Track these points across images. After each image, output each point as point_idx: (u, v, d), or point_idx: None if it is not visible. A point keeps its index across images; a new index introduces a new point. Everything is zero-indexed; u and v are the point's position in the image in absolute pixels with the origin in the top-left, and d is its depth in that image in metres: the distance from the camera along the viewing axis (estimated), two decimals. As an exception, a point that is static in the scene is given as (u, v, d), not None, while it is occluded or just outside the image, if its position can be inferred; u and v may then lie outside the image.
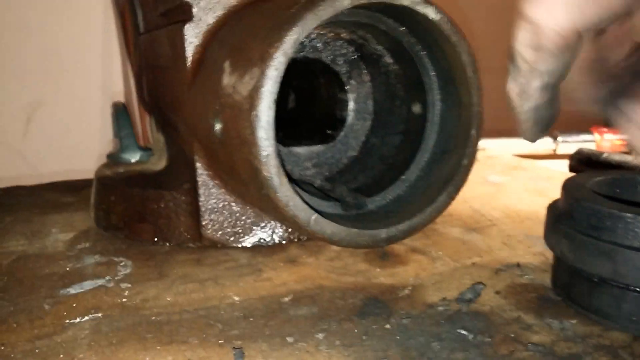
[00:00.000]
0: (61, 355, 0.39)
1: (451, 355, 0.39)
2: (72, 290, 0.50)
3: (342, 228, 0.42)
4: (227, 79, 0.43)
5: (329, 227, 0.42)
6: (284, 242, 0.60)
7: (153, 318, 0.45)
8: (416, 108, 0.52)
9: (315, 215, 0.41)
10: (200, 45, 0.55)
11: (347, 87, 0.58)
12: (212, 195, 0.57)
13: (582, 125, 1.14)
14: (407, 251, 0.57)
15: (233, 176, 0.47)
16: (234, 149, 0.42)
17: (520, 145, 1.13)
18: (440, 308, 0.45)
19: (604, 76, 0.35)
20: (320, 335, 0.42)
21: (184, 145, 0.61)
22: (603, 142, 1.11)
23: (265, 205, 0.43)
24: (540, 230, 0.51)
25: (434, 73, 0.50)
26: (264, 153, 0.39)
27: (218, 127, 0.44)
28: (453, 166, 0.47)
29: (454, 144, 0.48)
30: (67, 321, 0.45)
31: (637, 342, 0.40)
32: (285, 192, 0.40)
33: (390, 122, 0.56)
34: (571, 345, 0.40)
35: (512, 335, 0.41)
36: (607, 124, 0.36)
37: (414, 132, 0.52)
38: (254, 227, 0.59)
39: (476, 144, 0.46)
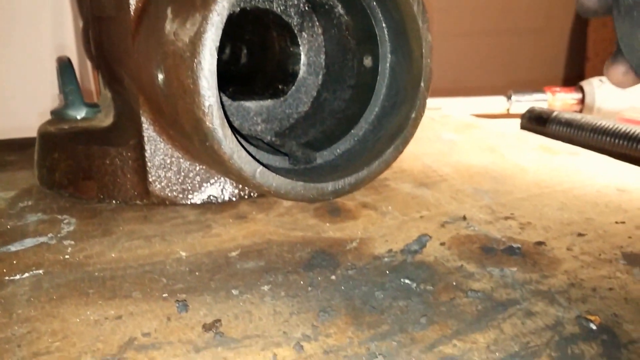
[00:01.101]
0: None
1: (393, 303, 0.39)
2: (13, 247, 0.48)
3: (287, 181, 0.41)
4: (169, 26, 0.42)
5: (275, 180, 0.41)
6: (234, 199, 0.59)
7: (96, 274, 0.44)
8: (367, 61, 0.51)
9: (260, 168, 0.40)
10: (144, -7, 0.52)
11: (299, 39, 0.57)
12: (159, 150, 0.56)
13: (535, 85, 1.16)
14: (358, 206, 0.58)
15: (177, 129, 0.46)
16: (176, 100, 0.41)
17: (475, 104, 1.14)
18: (386, 259, 0.46)
19: None
20: (265, 288, 0.42)
21: (130, 100, 0.59)
22: (555, 101, 1.13)
23: (210, 158, 0.43)
24: (488, 184, 0.51)
25: (385, 25, 0.49)
26: (206, 103, 0.38)
27: (161, 77, 0.43)
28: (402, 119, 0.47)
29: (404, 97, 0.48)
30: (7, 278, 0.43)
31: (573, 288, 0.41)
32: (229, 144, 0.39)
33: (341, 75, 0.55)
34: (510, 292, 0.41)
35: (454, 283, 0.42)
36: None
37: (364, 86, 0.51)
38: (203, 184, 0.58)
39: (425, 97, 0.46)
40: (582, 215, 0.55)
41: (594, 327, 0.36)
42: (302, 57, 0.57)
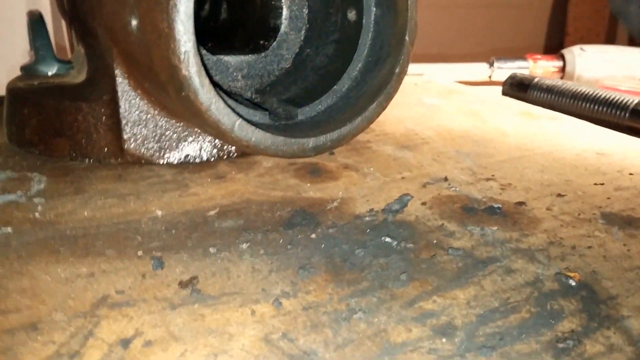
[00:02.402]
0: (-38, 268, 0.37)
1: (374, 260, 0.39)
2: (-21, 205, 0.47)
3: (268, 135, 0.40)
4: (143, -29, 0.39)
5: (254, 134, 0.40)
6: (212, 159, 0.58)
7: (68, 232, 0.43)
8: (351, 15, 0.50)
9: (239, 120, 0.39)
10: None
11: (281, -7, 0.55)
12: (134, 106, 0.54)
13: (517, 53, 1.15)
14: (339, 167, 0.57)
15: (153, 81, 0.44)
16: (151, 47, 0.39)
17: (457, 71, 1.13)
18: (367, 218, 0.45)
19: None
20: (244, 246, 0.41)
21: (104, 53, 0.57)
22: (536, 69, 1.12)
23: (186, 111, 0.41)
24: (469, 147, 0.51)
25: None
26: (182, 49, 0.36)
27: (134, 23, 0.41)
28: (385, 75, 0.46)
29: (388, 51, 0.46)
30: (-28, 235, 0.42)
31: (552, 246, 0.41)
32: (206, 94, 0.37)
33: (324, 30, 0.53)
34: (490, 249, 0.41)
35: (435, 241, 0.42)
36: None
37: (347, 41, 0.50)
38: (181, 143, 0.56)
39: (409, 52, 0.45)
40: (562, 177, 0.55)
41: (573, 284, 0.37)
42: (284, 10, 0.55)
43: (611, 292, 0.36)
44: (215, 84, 0.39)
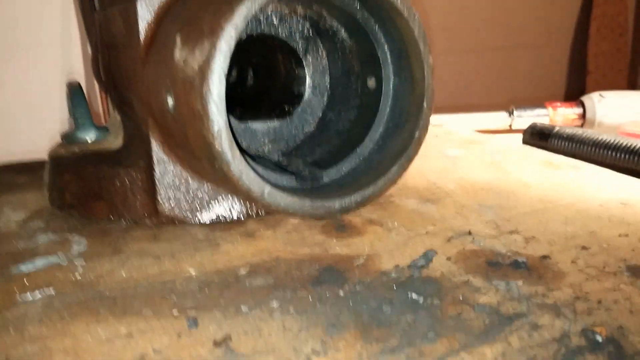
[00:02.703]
0: (11, 330, 0.39)
1: (401, 317, 0.40)
2: (24, 268, 0.49)
3: (295, 199, 0.42)
4: (179, 54, 0.43)
5: (283, 199, 0.42)
6: (242, 217, 0.60)
7: (107, 293, 0.45)
8: (371, 82, 0.52)
9: (268, 188, 0.41)
10: (153, 22, 0.54)
11: (304, 62, 0.58)
12: (168, 171, 0.57)
13: (536, 101, 1.17)
14: (364, 223, 0.58)
15: (187, 151, 0.47)
16: (186, 124, 0.42)
17: (477, 121, 1.15)
18: (393, 275, 0.47)
19: None
20: (274, 304, 0.42)
21: (139, 123, 0.61)
22: (556, 117, 1.14)
23: (219, 179, 0.44)
24: (492, 200, 0.52)
25: (388, 48, 0.50)
26: (215, 127, 0.39)
27: (170, 102, 0.44)
28: (405, 139, 0.48)
29: (407, 117, 0.49)
30: (18, 298, 0.44)
31: (578, 301, 0.42)
32: (237, 166, 0.40)
33: (346, 96, 0.56)
34: (516, 305, 0.41)
35: (461, 297, 0.43)
36: None
37: (368, 107, 0.52)
38: (212, 203, 0.59)
39: (428, 117, 0.47)
40: (586, 228, 0.56)
41: (600, 339, 0.37)
42: (307, 79, 0.58)
43: (638, 347, 0.36)
44: (244, 150, 0.42)
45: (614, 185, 0.70)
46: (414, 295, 0.43)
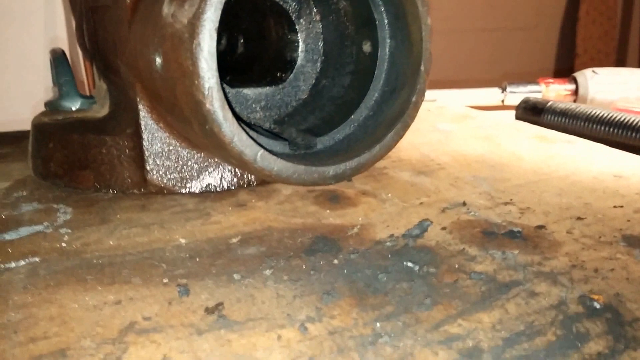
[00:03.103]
0: (-5, 297, 0.38)
1: (397, 285, 0.39)
2: (8, 236, 0.48)
3: (289, 164, 0.41)
4: (167, 9, 0.41)
5: (276, 164, 0.41)
6: (233, 187, 0.59)
7: (94, 261, 0.43)
8: (366, 47, 0.51)
9: (261, 151, 0.40)
10: (140, -19, 0.52)
11: (297, 26, 0.57)
12: (156, 139, 0.55)
13: (528, 76, 1.16)
14: (357, 194, 0.57)
15: (176, 115, 0.46)
16: (175, 83, 0.40)
17: (470, 96, 1.14)
18: (388, 244, 0.46)
19: None
20: (267, 272, 0.41)
21: (126, 88, 0.59)
22: (549, 92, 1.13)
23: (210, 143, 0.42)
24: (486, 172, 0.51)
25: (384, 9, 0.49)
26: (206, 85, 0.37)
27: (159, 61, 0.42)
28: (402, 104, 0.47)
29: (403, 81, 0.47)
30: (2, 266, 0.43)
31: (575, 269, 0.41)
32: (229, 127, 0.38)
33: (340, 62, 0.55)
34: (512, 273, 0.41)
35: (457, 265, 0.42)
36: None
37: (363, 72, 0.51)
38: (202, 173, 0.57)
39: (425, 81, 0.46)
40: (581, 200, 0.55)
41: (598, 306, 0.36)
42: (300, 44, 0.56)
43: (636, 314, 0.36)
44: (236, 116, 0.40)
45: (607, 159, 0.70)
46: (410, 264, 0.42)
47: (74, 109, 0.70)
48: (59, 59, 0.76)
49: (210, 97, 0.37)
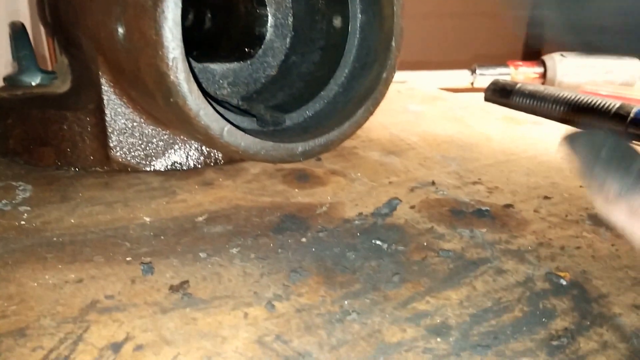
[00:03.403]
0: (-54, 276, 0.36)
1: (365, 263, 0.39)
2: (-38, 214, 0.46)
3: (256, 140, 0.40)
4: (129, -23, 0.39)
5: (244, 139, 0.40)
6: (199, 165, 0.57)
7: (54, 239, 0.42)
8: (337, 21, 0.50)
9: (228, 126, 0.39)
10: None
11: (266, 0, 0.55)
12: (119, 114, 0.53)
13: (497, 60, 1.17)
14: (326, 173, 0.57)
15: (139, 88, 0.44)
16: (138, 54, 0.39)
17: (440, 78, 1.14)
18: (357, 222, 0.45)
19: None
20: (234, 250, 0.41)
21: (88, 62, 0.56)
22: (518, 75, 1.14)
23: (174, 117, 0.41)
24: (455, 152, 0.51)
25: None
26: (170, 55, 0.36)
27: (121, 31, 0.40)
28: (372, 80, 0.46)
29: (374, 57, 0.47)
30: (-44, 244, 0.41)
31: (542, 247, 0.42)
32: (195, 100, 0.37)
33: (310, 38, 0.54)
34: (480, 251, 0.41)
35: (425, 243, 0.42)
36: None
37: (333, 47, 0.50)
38: (167, 150, 0.56)
39: (396, 57, 0.46)
40: (548, 179, 0.56)
41: (564, 283, 0.37)
42: (270, 18, 0.55)
43: (602, 290, 0.36)
44: (203, 92, 0.39)
45: (573, 140, 0.71)
46: (378, 242, 0.42)
47: (33, 84, 0.67)
48: (18, 33, 0.73)
49: (174, 69, 0.36)
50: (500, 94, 0.94)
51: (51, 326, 0.31)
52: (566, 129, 0.50)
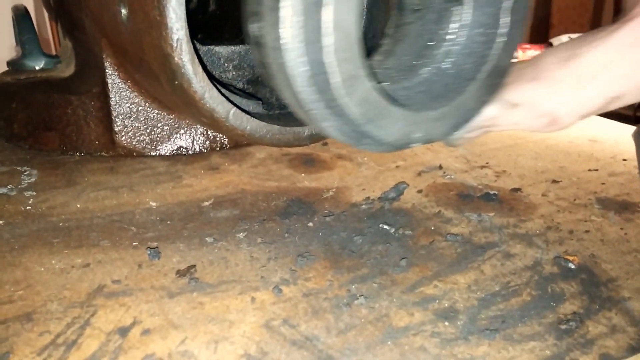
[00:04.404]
0: (-47, 261, 0.36)
1: (372, 247, 0.39)
2: (-32, 199, 0.46)
3: (262, 124, 0.39)
4: (132, -42, 0.39)
5: (249, 123, 0.39)
6: (205, 150, 0.57)
7: (60, 224, 0.42)
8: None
9: (234, 109, 0.38)
10: None
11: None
12: (124, 98, 0.53)
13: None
14: (333, 158, 0.56)
15: (143, 71, 0.43)
16: (142, 36, 0.38)
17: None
18: (364, 206, 0.45)
19: None
20: (241, 235, 0.40)
21: (92, 46, 0.56)
22: (525, 58, 1.13)
23: (179, 101, 0.40)
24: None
25: None
26: (174, 36, 0.35)
27: (124, 12, 0.40)
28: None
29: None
30: (-38, 229, 0.41)
31: (550, 231, 0.41)
32: (200, 82, 0.37)
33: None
34: (488, 235, 0.41)
35: (433, 228, 0.42)
36: None
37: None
38: (173, 135, 0.55)
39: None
40: (556, 163, 0.55)
41: (573, 267, 0.37)
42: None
43: (611, 274, 0.36)
44: (208, 74, 0.39)
45: (582, 124, 0.70)
46: (385, 226, 0.42)
47: (37, 68, 0.67)
48: (21, 17, 0.72)
49: (179, 50, 0.35)
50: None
51: (58, 311, 0.31)
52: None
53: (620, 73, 0.31)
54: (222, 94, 0.38)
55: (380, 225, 0.42)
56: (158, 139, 0.55)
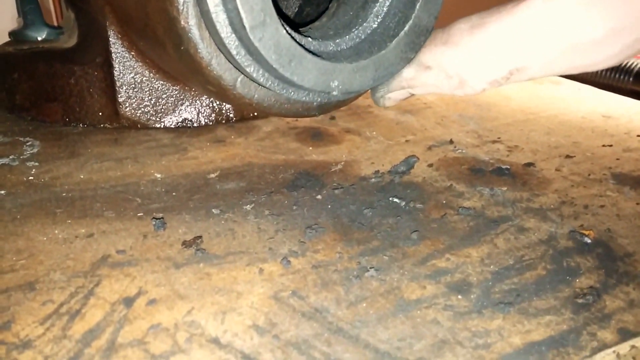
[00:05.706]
0: (-45, 229, 0.35)
1: (382, 220, 0.38)
2: (-30, 169, 0.45)
3: (271, 93, 0.38)
4: None
5: (257, 91, 0.38)
6: (210, 123, 0.56)
7: (63, 194, 0.41)
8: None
9: (241, 77, 0.37)
10: None
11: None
12: (128, 68, 0.52)
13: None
14: (341, 132, 0.55)
15: (148, 37, 0.42)
16: (147, 0, 0.37)
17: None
18: (373, 180, 0.44)
19: None
20: (248, 207, 0.39)
21: (95, 14, 0.55)
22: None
23: (185, 68, 0.39)
24: (473, 111, 0.49)
25: None
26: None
27: (128, -23, 0.39)
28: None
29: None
30: (-36, 198, 0.40)
31: (565, 205, 0.40)
32: (207, 48, 0.35)
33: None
34: (501, 209, 0.40)
35: (444, 201, 0.41)
36: None
37: None
38: (178, 106, 0.54)
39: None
40: (569, 139, 0.54)
41: (589, 241, 0.36)
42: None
43: (627, 249, 0.35)
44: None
45: (595, 100, 0.68)
46: (396, 200, 0.41)
47: (39, 38, 0.65)
48: (22, -14, 0.71)
49: (185, 13, 0.34)
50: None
51: (61, 280, 0.31)
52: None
53: (521, 46, 0.32)
54: (229, 61, 0.37)
55: (391, 199, 0.41)
56: (162, 110, 0.54)
